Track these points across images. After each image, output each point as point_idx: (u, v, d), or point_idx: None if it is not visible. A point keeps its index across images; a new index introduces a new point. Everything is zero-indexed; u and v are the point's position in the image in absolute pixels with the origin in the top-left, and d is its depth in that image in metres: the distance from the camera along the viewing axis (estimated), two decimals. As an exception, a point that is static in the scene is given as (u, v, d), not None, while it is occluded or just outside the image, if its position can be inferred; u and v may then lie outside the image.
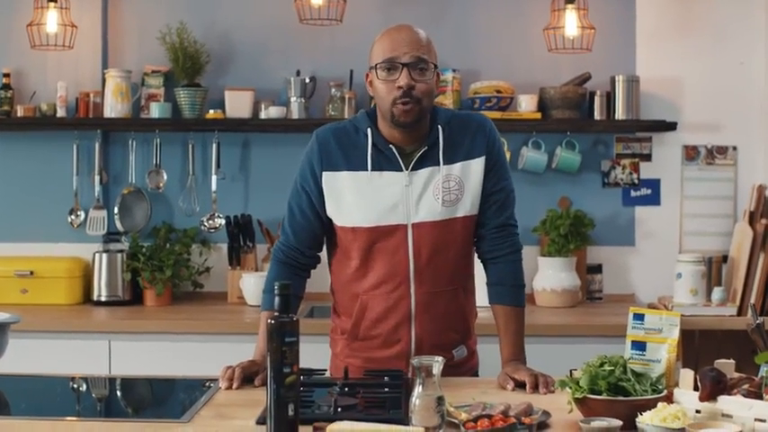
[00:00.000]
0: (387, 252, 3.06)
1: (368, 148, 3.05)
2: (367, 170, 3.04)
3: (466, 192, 3.06)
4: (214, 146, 5.14)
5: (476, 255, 3.24)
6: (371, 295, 3.10)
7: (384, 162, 3.05)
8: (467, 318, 3.19)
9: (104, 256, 5.02)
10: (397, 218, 3.04)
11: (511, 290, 3.16)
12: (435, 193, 3.04)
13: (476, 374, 3.28)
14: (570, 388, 2.53)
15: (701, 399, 2.41)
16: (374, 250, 3.06)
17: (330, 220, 3.13)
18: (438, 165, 3.05)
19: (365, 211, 3.05)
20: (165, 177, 5.20)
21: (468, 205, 3.07)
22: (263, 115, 5.07)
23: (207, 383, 3.00)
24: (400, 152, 3.05)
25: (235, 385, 2.93)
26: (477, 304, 3.30)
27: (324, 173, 3.08)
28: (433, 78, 3.03)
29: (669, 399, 2.49)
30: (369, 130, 3.06)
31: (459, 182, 3.06)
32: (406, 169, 3.05)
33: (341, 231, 3.12)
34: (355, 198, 3.05)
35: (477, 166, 3.07)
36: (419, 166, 3.05)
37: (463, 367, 3.21)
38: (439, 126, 3.07)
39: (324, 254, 3.27)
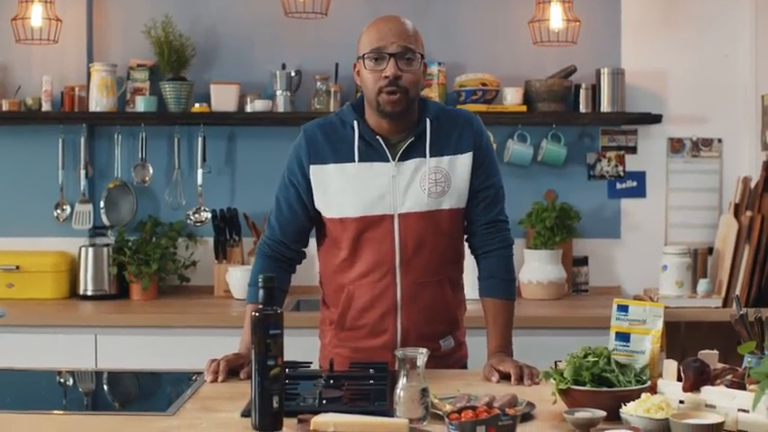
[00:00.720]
0: (374, 242, 3.07)
1: (355, 141, 3.06)
2: (354, 162, 3.06)
3: (452, 185, 3.08)
4: (200, 139, 5.14)
5: (467, 251, 3.26)
6: (358, 285, 3.11)
7: (371, 153, 3.06)
8: (453, 310, 3.20)
9: (90, 250, 5.01)
10: (384, 208, 3.06)
11: (502, 283, 3.18)
12: (422, 184, 3.06)
13: (464, 366, 3.29)
14: (554, 379, 2.54)
15: (685, 389, 2.42)
16: (362, 240, 3.08)
17: (318, 213, 3.14)
18: (425, 157, 3.06)
19: (352, 201, 3.06)
20: (151, 171, 5.19)
21: (454, 198, 3.09)
22: (248, 109, 5.06)
23: (193, 377, 3.00)
24: (387, 143, 3.07)
25: (220, 378, 2.93)
26: (467, 298, 3.31)
27: (311, 166, 3.09)
28: (420, 68, 3.06)
29: (653, 389, 2.50)
30: (355, 122, 3.08)
31: (445, 174, 3.07)
32: (393, 160, 3.06)
33: (330, 223, 3.13)
34: (343, 189, 3.06)
35: (464, 161, 3.09)
36: (406, 157, 3.07)
37: (451, 358, 3.22)
38: (427, 119, 3.09)
39: (310, 249, 3.27)
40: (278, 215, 3.18)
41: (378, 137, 3.07)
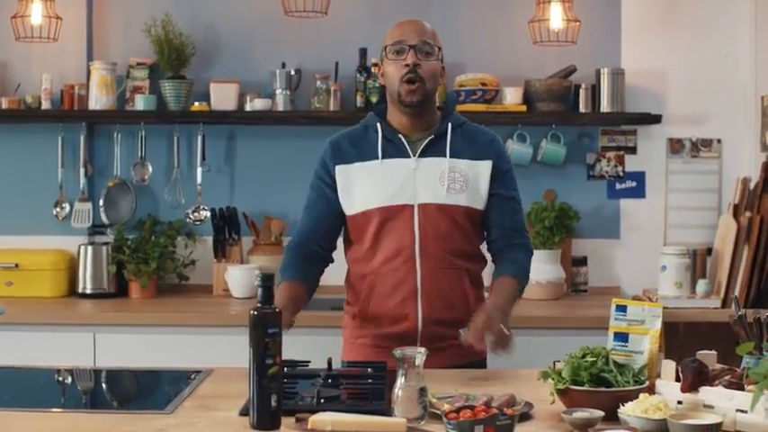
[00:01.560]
0: (395, 230, 3.20)
1: (378, 141, 3.23)
2: (377, 159, 3.21)
3: (470, 186, 3.23)
4: (199, 138, 5.13)
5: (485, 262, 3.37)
6: (380, 272, 3.22)
7: (393, 150, 3.24)
8: (472, 303, 3.24)
9: (89, 248, 5.01)
10: (404, 198, 3.21)
11: (516, 267, 3.28)
12: (441, 180, 3.21)
13: (484, 361, 3.30)
14: (553, 379, 2.54)
15: (683, 390, 2.42)
16: (384, 230, 3.21)
17: (344, 216, 3.25)
18: (444, 156, 3.22)
19: (375, 193, 3.21)
20: (151, 170, 5.19)
21: (472, 198, 3.22)
22: (248, 107, 5.05)
23: (191, 375, 3.00)
24: (408, 140, 3.24)
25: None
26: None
27: (336, 167, 3.25)
28: (438, 63, 3.26)
29: (651, 390, 2.50)
30: (378, 124, 3.26)
31: (464, 175, 3.23)
32: (414, 156, 3.22)
33: (353, 220, 3.25)
34: (366, 183, 3.21)
35: (483, 168, 3.25)
36: (426, 154, 3.24)
37: (471, 349, 3.23)
38: (450, 123, 3.27)
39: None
40: (306, 216, 3.31)
41: (399, 135, 3.24)
